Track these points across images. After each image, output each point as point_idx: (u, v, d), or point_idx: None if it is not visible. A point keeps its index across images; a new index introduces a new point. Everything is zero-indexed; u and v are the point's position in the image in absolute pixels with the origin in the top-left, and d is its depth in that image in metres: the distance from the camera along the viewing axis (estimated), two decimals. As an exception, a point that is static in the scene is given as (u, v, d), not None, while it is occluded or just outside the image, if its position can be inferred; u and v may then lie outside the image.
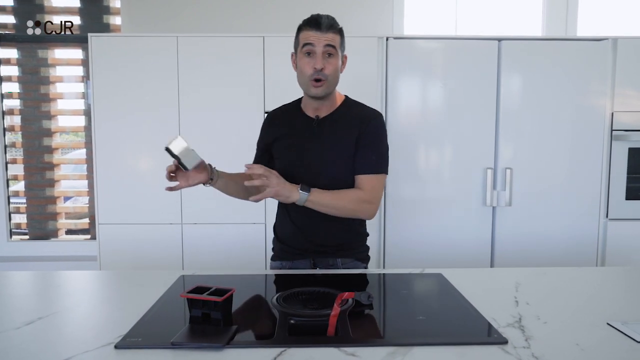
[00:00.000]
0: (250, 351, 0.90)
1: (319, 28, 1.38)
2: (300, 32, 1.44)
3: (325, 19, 1.39)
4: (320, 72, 1.39)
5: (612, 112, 2.38)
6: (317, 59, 1.39)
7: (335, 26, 1.41)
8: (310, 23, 1.40)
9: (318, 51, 1.39)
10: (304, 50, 1.40)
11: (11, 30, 2.90)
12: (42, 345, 0.93)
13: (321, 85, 1.40)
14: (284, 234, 1.56)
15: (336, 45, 1.41)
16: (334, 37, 1.40)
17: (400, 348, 0.90)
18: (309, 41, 1.39)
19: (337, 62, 1.43)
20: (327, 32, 1.39)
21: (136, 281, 1.36)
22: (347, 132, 1.45)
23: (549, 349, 0.90)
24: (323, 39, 1.38)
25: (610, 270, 1.51)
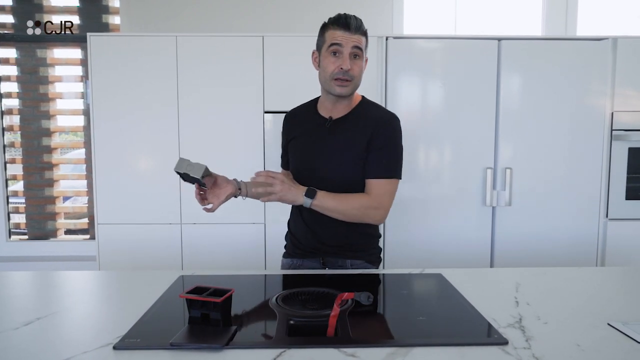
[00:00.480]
0: (249, 352, 0.90)
1: (347, 28, 1.37)
2: (326, 30, 1.42)
3: (353, 20, 1.38)
4: (347, 73, 1.38)
5: (612, 111, 2.38)
6: (345, 60, 1.38)
7: (362, 28, 1.40)
8: (338, 22, 1.38)
9: (345, 52, 1.38)
10: (331, 50, 1.39)
11: (10, 29, 2.90)
12: (41, 345, 0.92)
13: (347, 86, 1.40)
14: (297, 231, 1.57)
15: (362, 47, 1.40)
16: (360, 38, 1.39)
17: (400, 349, 0.90)
18: (337, 41, 1.37)
19: (363, 64, 1.43)
20: (355, 34, 1.38)
21: (135, 281, 1.36)
22: (360, 134, 1.43)
23: (549, 350, 0.90)
24: (351, 40, 1.37)
25: (611, 271, 1.51)
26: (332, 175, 1.45)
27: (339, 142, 1.45)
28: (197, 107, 2.36)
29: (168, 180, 2.39)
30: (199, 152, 2.37)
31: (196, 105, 2.36)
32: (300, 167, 1.51)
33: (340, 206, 1.40)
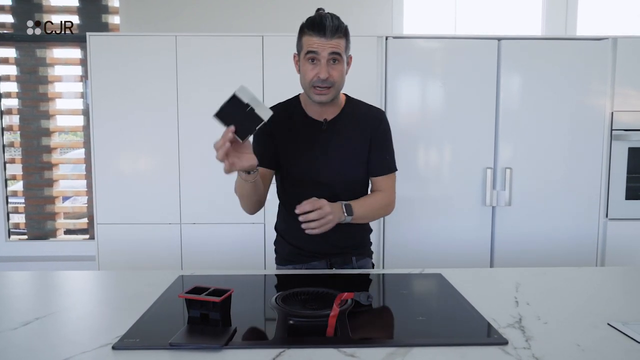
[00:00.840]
0: (249, 352, 0.89)
1: (323, 34, 1.29)
2: (303, 34, 1.35)
3: (330, 23, 1.29)
4: (326, 81, 1.33)
5: (612, 111, 2.38)
6: (322, 68, 1.32)
7: (340, 29, 1.32)
8: (314, 27, 1.30)
9: (322, 59, 1.31)
10: (308, 57, 1.33)
11: (10, 29, 2.90)
12: (39, 346, 0.92)
13: (327, 93, 1.35)
14: (299, 237, 1.46)
15: (341, 50, 1.33)
16: (339, 42, 1.32)
17: (400, 349, 0.90)
18: (313, 49, 1.31)
19: (343, 67, 1.36)
20: (332, 38, 1.30)
21: (134, 281, 1.36)
22: (359, 134, 1.43)
23: (549, 350, 0.90)
24: (328, 46, 1.30)
25: (611, 270, 1.51)
26: (336, 179, 1.43)
27: (339, 144, 1.43)
28: (196, 107, 2.36)
29: (168, 180, 2.38)
30: (199, 152, 2.37)
31: (196, 105, 2.36)
32: (303, 174, 1.44)
33: (370, 213, 1.44)
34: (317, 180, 1.43)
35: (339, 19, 1.33)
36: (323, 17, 1.31)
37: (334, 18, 1.32)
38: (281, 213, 1.56)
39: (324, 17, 1.31)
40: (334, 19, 1.31)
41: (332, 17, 1.32)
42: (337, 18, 1.33)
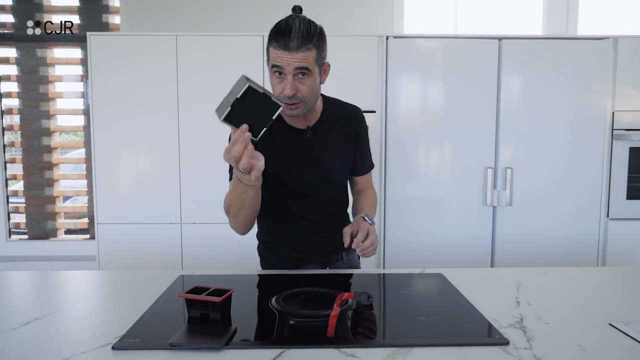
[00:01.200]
0: (249, 352, 0.89)
1: (287, 48, 1.16)
2: (269, 43, 1.21)
3: (295, 35, 1.15)
4: (293, 97, 1.22)
5: (613, 111, 2.37)
6: (287, 84, 1.20)
7: (309, 39, 1.17)
8: (278, 39, 1.17)
9: (289, 74, 1.19)
10: (273, 71, 1.22)
11: (10, 29, 2.90)
12: (39, 346, 0.92)
13: (297, 108, 1.25)
14: (288, 247, 1.45)
15: (310, 64, 1.19)
16: (307, 55, 1.18)
17: (401, 349, 0.89)
18: (277, 63, 1.19)
19: (313, 80, 1.23)
20: (298, 51, 1.16)
21: (135, 281, 1.35)
22: (344, 137, 1.40)
23: (550, 350, 0.89)
24: (293, 61, 1.17)
25: (612, 270, 1.50)
26: (324, 187, 1.40)
27: (325, 150, 1.37)
28: (197, 107, 2.36)
29: (168, 179, 2.38)
30: (199, 152, 2.37)
31: (196, 104, 2.36)
32: (289, 185, 1.36)
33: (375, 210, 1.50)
34: (304, 190, 1.38)
35: (309, 25, 1.19)
36: (289, 26, 1.17)
37: (302, 25, 1.17)
38: (262, 222, 1.47)
39: (291, 26, 1.17)
40: (303, 27, 1.17)
41: (300, 24, 1.17)
42: (308, 24, 1.19)
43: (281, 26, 1.19)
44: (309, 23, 1.20)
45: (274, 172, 1.34)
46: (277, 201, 1.40)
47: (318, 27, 1.22)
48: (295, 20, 1.18)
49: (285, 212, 1.40)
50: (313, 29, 1.19)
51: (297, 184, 1.37)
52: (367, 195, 1.51)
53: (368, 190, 1.53)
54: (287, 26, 1.17)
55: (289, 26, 1.17)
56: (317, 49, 1.20)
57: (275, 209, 1.41)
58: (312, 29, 1.19)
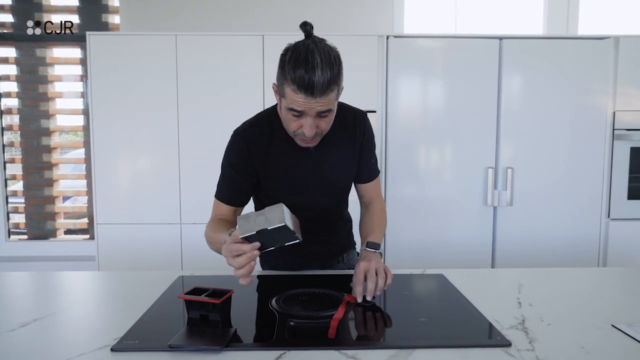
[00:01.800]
0: (249, 354, 0.88)
1: (311, 94, 1.06)
2: (285, 81, 1.08)
3: (320, 78, 1.04)
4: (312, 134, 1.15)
5: (614, 111, 2.36)
6: (307, 127, 1.12)
7: (332, 81, 1.07)
8: (298, 85, 1.05)
9: (309, 117, 1.11)
10: (290, 112, 1.12)
11: (9, 29, 2.89)
12: (37, 347, 0.91)
13: (313, 142, 1.20)
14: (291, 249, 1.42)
15: (332, 103, 1.12)
16: (329, 97, 1.09)
17: (402, 351, 0.89)
18: (298, 108, 1.09)
19: (332, 114, 1.16)
20: (321, 97, 1.07)
21: (134, 282, 1.35)
22: (350, 144, 1.33)
23: (553, 352, 0.89)
24: (317, 106, 1.09)
25: (613, 271, 1.50)
26: (328, 199, 1.37)
27: (331, 161, 1.31)
28: (196, 106, 2.35)
29: (168, 179, 2.38)
30: (199, 152, 2.36)
31: (196, 104, 2.35)
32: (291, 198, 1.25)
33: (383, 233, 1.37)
34: (306, 205, 1.30)
35: (331, 63, 1.06)
36: (312, 70, 1.04)
37: (324, 67, 1.05)
38: None
39: (313, 70, 1.04)
40: (325, 69, 1.05)
41: (322, 65, 1.05)
42: (329, 60, 1.06)
43: (303, 76, 1.04)
44: (330, 58, 1.07)
45: (275, 186, 1.30)
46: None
47: (338, 60, 1.10)
48: (316, 57, 1.05)
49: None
50: (336, 67, 1.08)
51: (299, 198, 1.31)
52: (374, 212, 1.38)
53: (374, 204, 1.41)
54: (308, 74, 1.04)
55: (311, 72, 1.04)
56: (337, 85, 1.11)
57: None
58: (335, 67, 1.08)
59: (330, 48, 1.09)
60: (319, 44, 1.08)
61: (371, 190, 1.42)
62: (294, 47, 1.09)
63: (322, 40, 1.10)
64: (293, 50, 1.08)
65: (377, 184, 1.44)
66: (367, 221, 1.37)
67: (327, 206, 1.38)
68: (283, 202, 1.12)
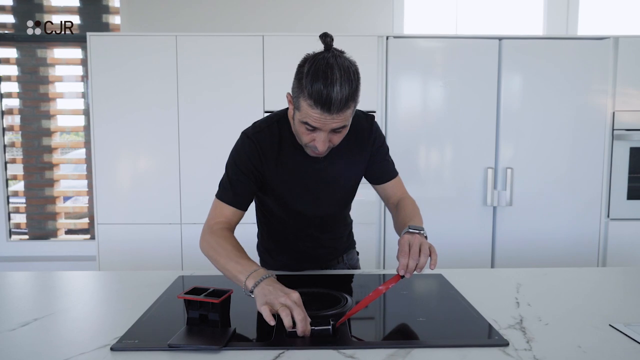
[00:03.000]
0: (248, 353, 0.89)
1: (328, 110, 1.03)
2: (301, 94, 1.05)
3: (338, 95, 1.00)
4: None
5: (614, 111, 2.37)
6: (320, 142, 1.09)
7: (351, 97, 1.04)
8: (315, 100, 1.02)
9: (324, 132, 1.08)
10: (304, 126, 1.09)
11: (10, 29, 2.90)
12: (37, 347, 0.92)
13: (324, 154, 1.17)
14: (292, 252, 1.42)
15: (347, 120, 1.08)
16: (347, 113, 1.06)
17: (400, 350, 0.89)
18: (314, 124, 1.06)
19: (347, 130, 1.13)
20: (338, 113, 1.04)
21: (134, 282, 1.35)
22: (360, 152, 1.29)
23: (550, 351, 0.89)
24: (332, 123, 1.06)
25: (612, 271, 1.50)
26: (336, 208, 1.37)
27: (340, 170, 1.28)
28: (196, 107, 2.36)
29: (168, 180, 2.38)
30: (199, 152, 2.37)
31: (196, 104, 2.36)
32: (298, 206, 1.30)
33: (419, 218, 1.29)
34: (312, 213, 1.31)
35: (350, 79, 1.02)
36: (331, 86, 1.00)
37: (343, 83, 1.01)
38: (263, 230, 1.45)
39: (332, 85, 1.00)
40: (344, 85, 1.01)
41: (342, 81, 1.01)
42: (348, 76, 1.02)
43: (320, 88, 1.00)
44: (350, 73, 1.03)
45: (283, 193, 1.28)
46: (281, 218, 1.35)
47: (357, 75, 1.06)
48: (336, 72, 1.01)
49: (288, 227, 1.37)
50: (354, 83, 1.04)
51: (307, 205, 1.30)
52: (405, 206, 1.33)
53: (404, 200, 1.36)
54: (327, 84, 1.00)
55: (331, 88, 1.00)
56: (354, 102, 1.07)
57: (277, 224, 1.38)
58: (354, 83, 1.04)
59: (350, 63, 1.05)
60: (339, 59, 1.04)
61: (396, 190, 1.39)
62: (313, 59, 1.05)
63: (342, 54, 1.07)
64: (312, 62, 1.04)
65: (401, 183, 1.42)
66: (400, 215, 1.29)
67: (333, 212, 1.37)
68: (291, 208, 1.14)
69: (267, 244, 1.48)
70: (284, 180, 1.25)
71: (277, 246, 1.45)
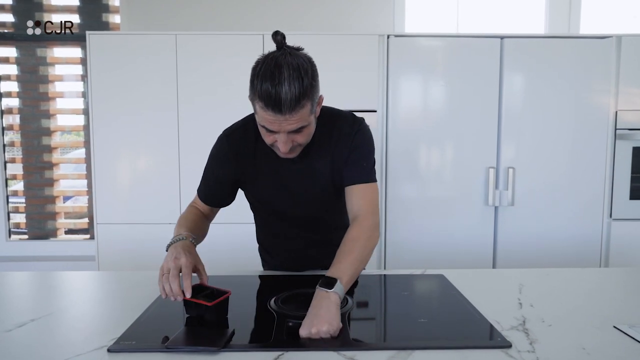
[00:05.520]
0: (246, 355, 0.88)
1: (279, 110, 0.99)
2: (253, 95, 1.02)
3: (287, 95, 0.97)
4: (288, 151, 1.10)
5: (616, 110, 2.35)
6: (281, 143, 1.06)
7: (302, 99, 1.00)
8: (265, 101, 0.99)
9: (282, 135, 1.05)
10: (263, 128, 1.07)
11: (10, 29, 2.89)
12: (33, 348, 0.91)
13: (292, 154, 1.13)
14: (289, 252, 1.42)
15: (305, 119, 1.04)
16: (301, 113, 1.02)
17: (401, 352, 0.88)
18: (269, 127, 1.04)
19: (309, 127, 1.08)
20: (292, 112, 1.00)
21: (132, 282, 1.34)
22: (339, 152, 1.22)
23: (554, 353, 0.88)
24: (287, 124, 1.02)
25: (615, 271, 1.49)
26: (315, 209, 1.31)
27: (317, 171, 1.23)
28: (196, 106, 2.35)
29: (168, 179, 2.37)
30: (199, 151, 2.36)
31: (196, 103, 2.35)
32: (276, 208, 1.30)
33: (361, 265, 1.11)
34: (296, 209, 1.29)
35: (300, 77, 0.99)
36: (279, 85, 0.97)
37: (292, 81, 0.98)
38: (259, 229, 1.46)
39: (280, 85, 0.97)
40: (293, 83, 0.98)
41: (290, 79, 0.98)
42: (298, 74, 0.99)
43: (268, 87, 0.98)
44: (299, 72, 0.99)
45: (261, 191, 1.28)
46: (268, 218, 1.36)
47: (309, 72, 1.02)
48: (284, 71, 0.98)
49: (277, 227, 1.37)
50: (305, 82, 1.00)
51: (285, 204, 1.28)
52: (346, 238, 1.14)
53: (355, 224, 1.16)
54: (274, 84, 0.97)
55: (278, 87, 0.97)
56: (310, 100, 1.03)
57: (268, 224, 1.40)
58: (304, 80, 1.00)
59: (303, 60, 1.02)
60: (289, 57, 1.01)
61: (355, 201, 1.19)
62: (264, 59, 1.02)
63: (296, 51, 1.04)
64: (262, 63, 1.02)
65: (366, 194, 1.19)
66: (339, 248, 1.12)
67: (315, 213, 1.32)
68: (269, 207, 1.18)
69: (264, 244, 1.48)
70: (261, 179, 1.25)
71: (272, 246, 1.46)
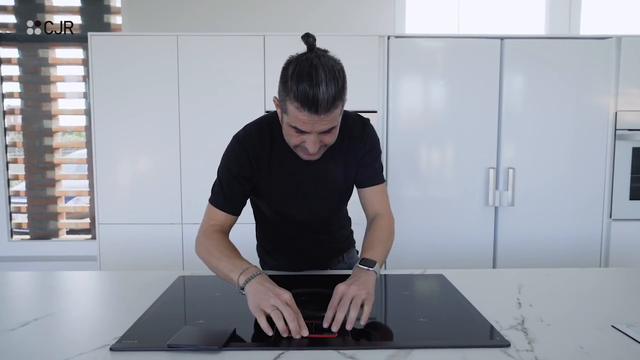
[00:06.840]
0: (247, 353, 0.88)
1: (315, 111, 1.01)
2: (287, 97, 1.03)
3: (324, 95, 0.99)
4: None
5: (616, 111, 2.36)
6: (310, 143, 1.07)
7: (338, 96, 1.02)
8: (302, 102, 1.00)
9: (313, 134, 1.06)
10: (293, 129, 1.07)
11: (12, 29, 2.90)
12: (36, 347, 0.92)
13: (316, 155, 1.14)
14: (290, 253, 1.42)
15: (337, 119, 1.08)
16: (335, 113, 1.04)
17: (401, 351, 0.89)
18: (302, 128, 1.05)
19: (337, 129, 1.11)
20: (326, 114, 1.02)
21: (134, 282, 1.35)
22: (351, 156, 1.26)
23: (552, 352, 0.88)
24: (320, 125, 1.04)
25: (614, 271, 1.49)
26: (327, 210, 1.34)
27: (332, 175, 1.26)
28: (197, 107, 2.35)
29: (169, 179, 2.38)
30: (200, 152, 2.37)
31: (197, 104, 2.35)
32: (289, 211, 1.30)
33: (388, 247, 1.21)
34: (310, 211, 1.30)
35: (336, 78, 1.01)
36: (317, 86, 0.99)
37: (329, 82, 1.00)
38: (261, 231, 1.45)
39: (318, 86, 0.99)
40: (330, 84, 1.00)
41: (327, 80, 0.99)
42: (334, 75, 1.01)
43: (306, 88, 0.99)
44: (334, 72, 1.02)
45: (276, 195, 1.27)
46: (276, 220, 1.35)
47: (342, 74, 1.04)
48: (320, 73, 0.99)
49: (283, 229, 1.37)
50: (340, 82, 1.02)
51: (301, 207, 1.29)
52: (375, 228, 1.24)
53: (378, 220, 1.26)
54: (312, 85, 0.99)
55: (316, 89, 0.99)
56: (342, 100, 1.05)
57: (273, 226, 1.38)
58: (340, 81, 1.02)
59: (334, 62, 1.04)
60: (323, 58, 1.02)
61: (375, 201, 1.29)
62: (297, 60, 1.03)
63: (325, 53, 1.05)
64: (296, 64, 1.02)
65: (383, 194, 1.30)
66: (367, 238, 1.22)
67: (327, 214, 1.36)
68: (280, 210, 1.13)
69: (265, 245, 1.48)
70: (276, 183, 1.24)
71: (275, 247, 1.46)
